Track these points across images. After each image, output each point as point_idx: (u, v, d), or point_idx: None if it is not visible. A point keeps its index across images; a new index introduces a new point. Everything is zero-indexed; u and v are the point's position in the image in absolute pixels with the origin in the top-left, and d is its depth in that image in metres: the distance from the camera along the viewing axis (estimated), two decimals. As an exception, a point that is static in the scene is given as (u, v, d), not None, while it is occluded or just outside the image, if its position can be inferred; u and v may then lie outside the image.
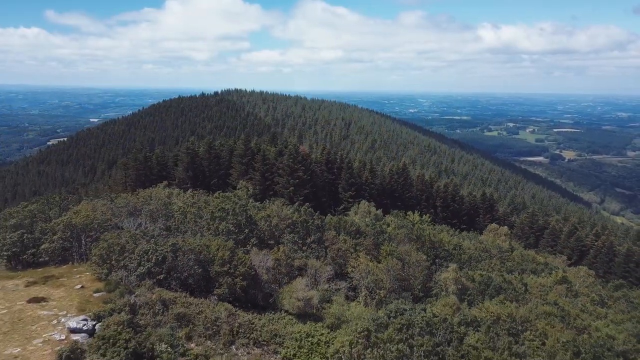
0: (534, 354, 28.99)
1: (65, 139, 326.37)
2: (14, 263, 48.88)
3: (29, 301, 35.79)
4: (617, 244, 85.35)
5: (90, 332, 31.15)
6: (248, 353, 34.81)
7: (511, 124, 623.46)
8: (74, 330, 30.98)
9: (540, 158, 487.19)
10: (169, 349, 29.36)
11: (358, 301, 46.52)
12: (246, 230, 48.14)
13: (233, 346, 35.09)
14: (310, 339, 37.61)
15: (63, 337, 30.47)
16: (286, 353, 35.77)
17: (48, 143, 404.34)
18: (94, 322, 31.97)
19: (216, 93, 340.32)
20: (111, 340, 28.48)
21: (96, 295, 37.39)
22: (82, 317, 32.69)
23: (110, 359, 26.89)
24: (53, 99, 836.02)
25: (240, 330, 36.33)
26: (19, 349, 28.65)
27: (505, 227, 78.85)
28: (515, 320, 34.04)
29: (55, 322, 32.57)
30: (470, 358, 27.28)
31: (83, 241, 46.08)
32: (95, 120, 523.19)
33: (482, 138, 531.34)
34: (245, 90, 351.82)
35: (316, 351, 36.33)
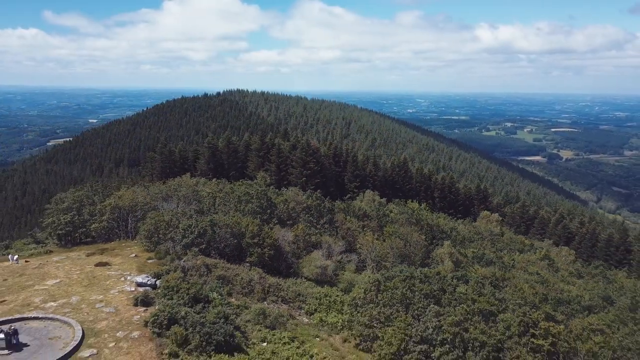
0: (512, 298, 36.23)
1: (70, 139, 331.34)
2: (64, 241, 56.16)
3: (96, 265, 43.12)
4: (601, 232, 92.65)
5: (153, 286, 38.38)
6: (278, 307, 42.02)
7: (509, 124, 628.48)
8: (140, 284, 38.24)
9: (538, 157, 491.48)
10: (219, 297, 36.58)
11: (366, 272, 53.70)
12: (268, 211, 55.42)
13: (265, 302, 42.29)
14: (327, 298, 45.01)
15: (132, 288, 37.75)
16: (309, 308, 43.13)
17: (48, 144, 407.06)
18: (155, 279, 39.23)
19: (218, 93, 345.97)
20: (175, 289, 35.81)
21: (149, 261, 44.71)
22: (144, 275, 39.99)
23: (176, 301, 34.08)
24: (51, 100, 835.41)
25: (270, 290, 43.64)
26: (101, 296, 35.92)
27: (497, 214, 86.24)
28: (498, 278, 41.32)
29: (122, 279, 39.88)
30: (460, 300, 34.55)
31: (129, 220, 53.28)
32: (94, 121, 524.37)
33: (480, 138, 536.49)
34: (247, 91, 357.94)
35: (333, 308, 43.73)
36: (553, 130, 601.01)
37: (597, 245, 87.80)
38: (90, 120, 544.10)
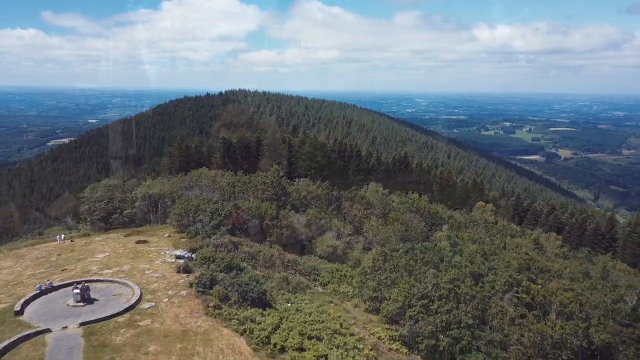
0: (498, 266, 42.19)
1: (74, 138, 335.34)
2: (97, 227, 62.03)
3: (137, 243, 49.09)
4: (590, 222, 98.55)
5: (189, 259, 44.30)
6: (297, 278, 47.97)
7: (508, 123, 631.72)
8: (179, 257, 44.20)
9: (536, 157, 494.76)
10: (249, 266, 42.57)
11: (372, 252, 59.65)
12: (282, 199, 61.41)
13: (285, 274, 48.28)
14: (339, 272, 51.04)
15: (173, 260, 43.71)
16: (322, 280, 49.16)
17: (48, 144, 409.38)
18: (191, 253, 45.20)
19: (221, 93, 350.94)
20: (210, 259, 41.81)
21: (182, 240, 50.67)
22: (181, 250, 46.00)
23: (214, 269, 40.01)
24: (50, 100, 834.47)
25: (288, 264, 49.73)
26: (148, 265, 41.87)
27: (491, 204, 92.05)
28: (487, 252, 47.30)
29: (162, 253, 45.82)
30: (456, 267, 40.48)
31: (160, 206, 59.22)
32: (94, 121, 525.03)
33: (478, 137, 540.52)
34: (249, 91, 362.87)
35: (344, 280, 49.75)
36: (551, 129, 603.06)
37: (585, 234, 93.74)
38: (90, 121, 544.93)
